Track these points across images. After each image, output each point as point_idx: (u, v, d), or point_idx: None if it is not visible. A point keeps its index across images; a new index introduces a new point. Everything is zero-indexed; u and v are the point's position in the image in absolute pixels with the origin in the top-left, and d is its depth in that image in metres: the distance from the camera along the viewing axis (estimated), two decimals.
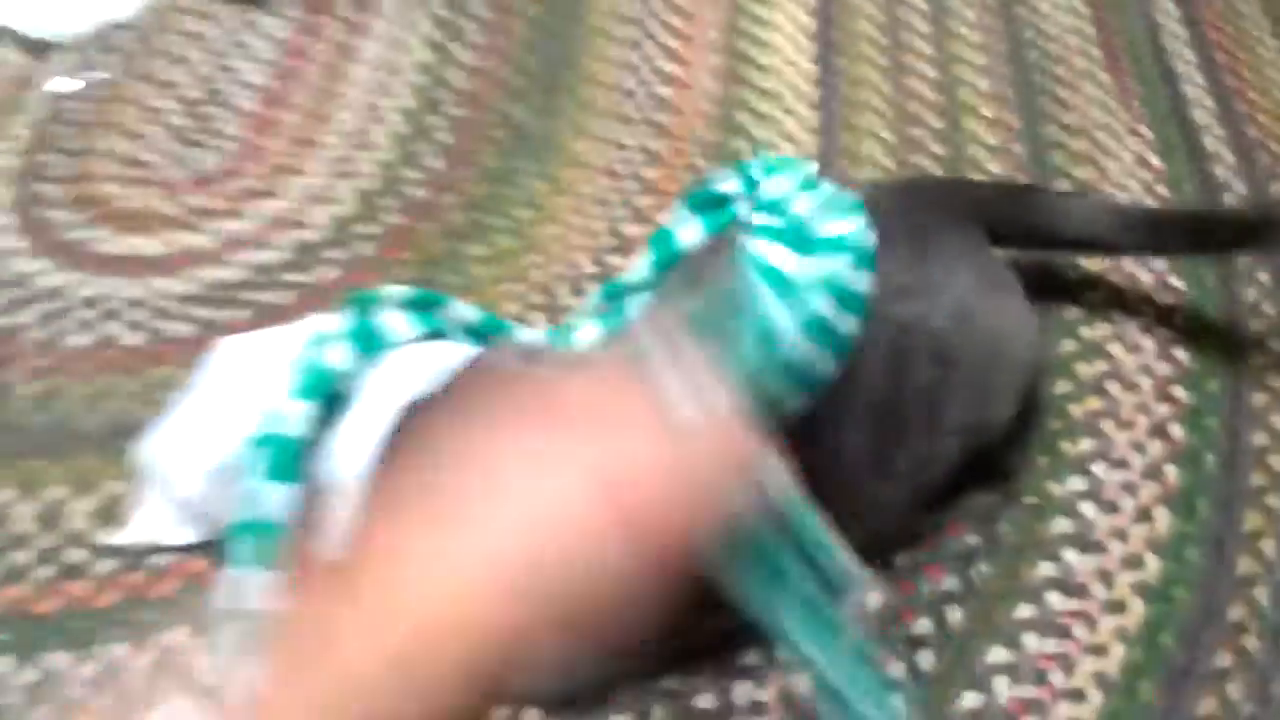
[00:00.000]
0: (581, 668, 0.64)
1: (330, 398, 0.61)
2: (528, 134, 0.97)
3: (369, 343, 0.63)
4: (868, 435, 0.64)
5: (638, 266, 0.70)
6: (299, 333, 0.64)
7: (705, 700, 0.65)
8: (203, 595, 0.69)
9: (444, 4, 1.09)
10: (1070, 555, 0.72)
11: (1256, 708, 0.66)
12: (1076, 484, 0.75)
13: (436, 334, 0.66)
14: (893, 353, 0.65)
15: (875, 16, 1.09)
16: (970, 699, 0.66)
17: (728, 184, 0.69)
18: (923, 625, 0.69)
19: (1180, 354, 0.82)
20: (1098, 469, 0.76)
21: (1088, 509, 0.74)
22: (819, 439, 0.63)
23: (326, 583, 0.44)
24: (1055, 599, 0.70)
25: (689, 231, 0.70)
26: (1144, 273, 0.87)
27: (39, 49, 1.03)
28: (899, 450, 0.65)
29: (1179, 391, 0.80)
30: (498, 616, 0.41)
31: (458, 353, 0.64)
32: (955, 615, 0.69)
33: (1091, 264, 0.87)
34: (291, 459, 0.60)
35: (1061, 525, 0.73)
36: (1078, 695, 0.66)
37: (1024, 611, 0.69)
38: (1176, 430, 0.78)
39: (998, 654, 0.68)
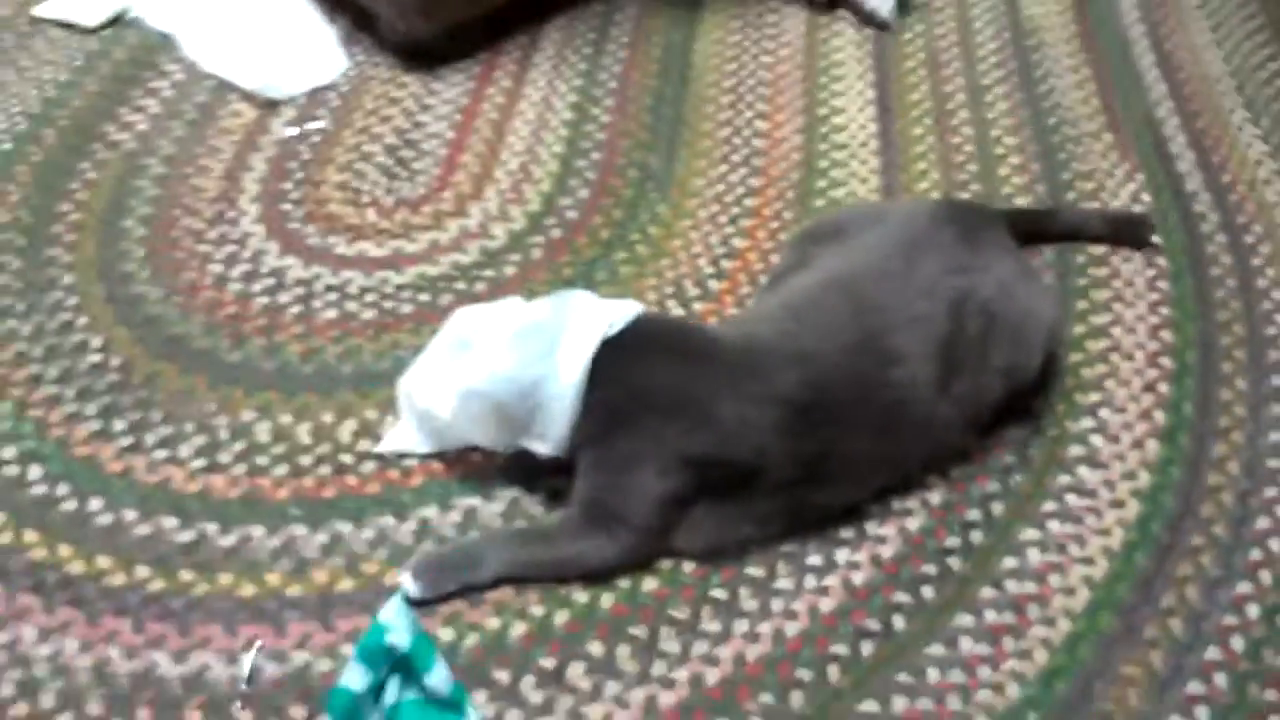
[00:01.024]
0: (726, 530, 0.89)
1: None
2: (654, 173, 1.25)
3: None
4: (935, 367, 0.90)
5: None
6: (500, 309, 0.91)
7: (815, 559, 0.90)
8: (442, 489, 0.94)
9: (581, 76, 1.37)
10: (1083, 470, 0.97)
11: (1221, 572, 0.90)
12: (1087, 422, 1.00)
13: None
14: (952, 310, 0.91)
15: (924, 89, 1.37)
16: (1009, 562, 0.90)
17: (396, 636, 0.80)
18: (973, 515, 0.93)
19: (1165, 334, 1.08)
20: (1103, 413, 1.01)
21: (1096, 439, 0.99)
22: (902, 367, 0.89)
23: None
24: (1072, 499, 0.95)
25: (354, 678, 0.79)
26: (1138, 276, 1.13)
27: (265, 105, 1.32)
28: (957, 379, 0.90)
29: (1165, 360, 1.06)
30: None
31: (628, 309, 0.91)
32: (998, 509, 0.94)
33: (1097, 270, 1.14)
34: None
35: (1076, 450, 0.98)
36: (1089, 561, 0.90)
37: (1049, 506, 0.94)
38: (1163, 387, 1.04)
39: (1030, 533, 0.92)
